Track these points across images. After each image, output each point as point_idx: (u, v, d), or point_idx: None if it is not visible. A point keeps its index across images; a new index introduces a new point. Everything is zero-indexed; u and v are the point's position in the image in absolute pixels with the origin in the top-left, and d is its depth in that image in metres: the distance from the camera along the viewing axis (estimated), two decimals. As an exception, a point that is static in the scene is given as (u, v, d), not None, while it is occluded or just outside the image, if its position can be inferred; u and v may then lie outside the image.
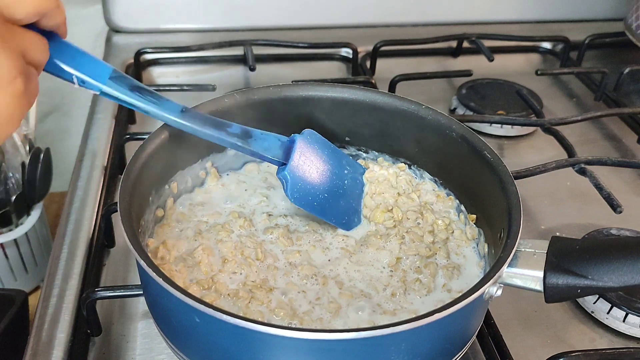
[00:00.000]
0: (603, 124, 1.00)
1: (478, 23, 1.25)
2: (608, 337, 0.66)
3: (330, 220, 0.62)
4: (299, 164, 0.60)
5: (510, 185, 0.57)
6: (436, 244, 0.62)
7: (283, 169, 0.60)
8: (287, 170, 0.59)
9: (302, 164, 0.60)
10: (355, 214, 0.63)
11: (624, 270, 0.48)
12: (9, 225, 0.84)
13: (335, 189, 0.63)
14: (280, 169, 0.60)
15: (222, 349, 0.48)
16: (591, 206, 0.81)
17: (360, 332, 0.44)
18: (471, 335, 0.55)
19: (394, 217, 0.65)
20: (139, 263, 0.49)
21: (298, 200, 0.60)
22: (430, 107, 0.67)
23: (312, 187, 0.60)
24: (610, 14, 1.29)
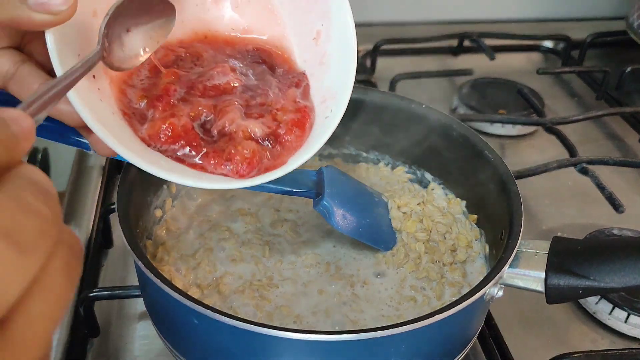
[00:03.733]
0: (605, 124, 1.00)
1: (479, 22, 1.24)
2: (610, 337, 0.65)
3: (378, 244, 0.61)
4: (335, 193, 0.59)
5: (511, 185, 0.57)
6: (454, 265, 0.61)
7: (320, 200, 0.58)
8: (325, 200, 0.58)
9: (337, 193, 0.59)
10: (392, 234, 0.63)
11: (626, 270, 0.48)
12: (7, 225, 0.84)
13: (372, 213, 0.62)
14: (316, 201, 0.59)
15: (220, 351, 0.48)
16: (593, 206, 0.81)
17: (360, 333, 0.44)
18: (472, 336, 0.54)
19: (425, 227, 0.63)
20: (137, 264, 0.49)
21: (344, 228, 0.59)
22: (430, 106, 0.67)
23: (352, 213, 0.60)
24: (612, 12, 1.29)
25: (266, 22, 0.53)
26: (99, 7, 0.44)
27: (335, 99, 0.51)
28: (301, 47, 0.53)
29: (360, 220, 0.60)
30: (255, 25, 0.53)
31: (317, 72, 0.52)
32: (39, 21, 0.37)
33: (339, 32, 0.51)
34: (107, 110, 0.44)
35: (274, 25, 0.53)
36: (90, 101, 0.42)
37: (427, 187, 0.69)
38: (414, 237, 0.62)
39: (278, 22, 0.53)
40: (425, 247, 0.61)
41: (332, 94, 0.51)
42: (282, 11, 0.52)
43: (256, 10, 0.53)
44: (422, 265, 0.60)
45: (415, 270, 0.60)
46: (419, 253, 0.61)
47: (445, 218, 0.64)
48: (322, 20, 0.51)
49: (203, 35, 0.53)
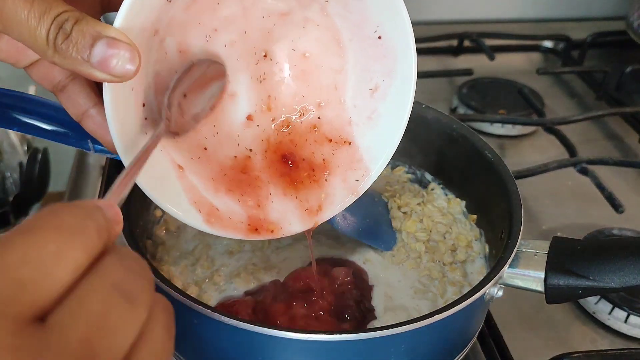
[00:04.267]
0: (605, 124, 1.00)
1: (479, 22, 1.24)
2: (610, 338, 0.65)
3: (378, 244, 0.62)
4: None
5: (511, 185, 0.57)
6: (454, 264, 0.61)
7: None
8: None
9: None
10: (392, 234, 0.63)
11: (626, 270, 0.48)
12: (7, 225, 0.83)
13: (372, 213, 0.62)
14: None
15: (220, 351, 0.48)
16: (593, 206, 0.81)
17: (360, 333, 0.44)
18: (472, 336, 0.54)
19: (425, 227, 0.64)
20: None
21: (344, 228, 0.59)
22: (430, 106, 0.66)
23: (352, 213, 0.60)
24: (612, 12, 1.29)
25: (330, 52, 0.52)
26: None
27: (368, 165, 0.51)
28: (356, 91, 0.52)
29: (361, 220, 0.60)
30: (318, 54, 0.52)
31: (362, 125, 0.52)
32: (101, 78, 0.37)
33: (396, 99, 0.50)
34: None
35: (336, 57, 0.51)
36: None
37: (427, 187, 0.69)
38: (414, 237, 0.62)
39: (341, 54, 0.51)
40: (426, 247, 0.61)
41: (369, 158, 0.51)
42: (349, 47, 0.50)
43: (324, 37, 0.51)
44: (423, 264, 0.60)
45: (416, 268, 0.60)
46: (419, 253, 0.61)
47: (445, 218, 0.64)
48: (385, 77, 0.50)
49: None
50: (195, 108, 0.47)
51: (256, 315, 0.53)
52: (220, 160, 0.50)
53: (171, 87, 0.44)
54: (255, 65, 0.51)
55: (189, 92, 0.45)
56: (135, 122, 0.43)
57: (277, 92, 0.52)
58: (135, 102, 0.42)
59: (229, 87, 0.50)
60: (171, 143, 0.47)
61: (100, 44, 0.36)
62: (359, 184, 0.52)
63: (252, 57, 0.50)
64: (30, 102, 0.47)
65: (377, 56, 0.49)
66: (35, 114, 0.47)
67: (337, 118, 0.52)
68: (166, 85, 0.45)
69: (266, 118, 0.52)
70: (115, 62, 0.36)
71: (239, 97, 0.51)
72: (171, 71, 0.45)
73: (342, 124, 0.52)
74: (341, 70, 0.52)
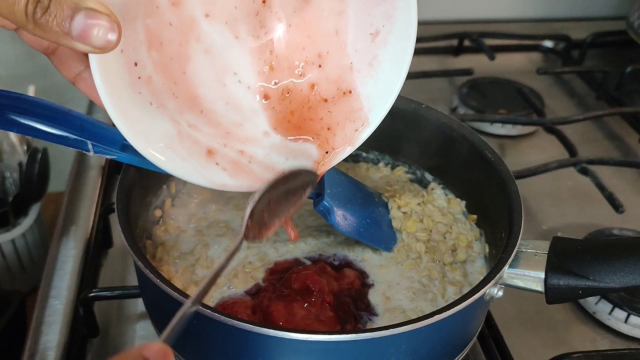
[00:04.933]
0: (605, 124, 1.00)
1: (479, 21, 1.24)
2: (610, 338, 0.65)
3: (378, 245, 0.61)
4: (334, 193, 0.59)
5: (511, 185, 0.57)
6: (454, 264, 0.61)
7: (320, 200, 0.58)
8: (325, 200, 0.58)
9: (337, 193, 0.59)
10: (392, 234, 0.63)
11: (626, 271, 0.48)
12: (6, 225, 0.83)
13: (372, 213, 0.62)
14: (316, 201, 0.59)
15: (220, 351, 0.48)
16: (593, 206, 0.81)
17: (360, 333, 0.43)
18: (472, 336, 0.54)
19: (426, 227, 0.63)
20: (137, 264, 0.49)
21: (344, 228, 0.59)
22: (430, 106, 0.66)
23: (352, 213, 0.59)
24: (613, 12, 1.29)
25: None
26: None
27: (368, 114, 0.51)
28: (357, 34, 0.51)
29: (361, 220, 0.60)
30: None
31: (363, 71, 0.51)
32: (83, 50, 0.37)
33: (396, 46, 0.49)
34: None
35: (336, 0, 0.51)
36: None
37: (427, 187, 0.69)
38: (414, 237, 0.62)
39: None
40: (426, 247, 0.61)
41: (369, 107, 0.51)
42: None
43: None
44: (423, 264, 0.60)
45: (416, 269, 0.60)
46: (420, 253, 0.61)
47: (445, 218, 0.64)
48: (385, 22, 0.49)
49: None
50: (278, 215, 0.48)
51: (256, 315, 0.53)
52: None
53: (257, 198, 0.44)
54: (255, 17, 0.50)
55: (275, 199, 0.46)
56: (129, 84, 0.42)
57: (278, 47, 0.51)
58: (126, 63, 0.42)
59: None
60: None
61: (80, 16, 0.36)
62: (357, 135, 0.51)
63: (250, 5, 0.49)
64: (29, 104, 0.47)
65: (377, 0, 0.49)
66: (34, 115, 0.47)
67: (338, 67, 0.52)
68: (160, 41, 0.44)
69: (271, 78, 0.52)
70: (96, 33, 0.36)
71: (242, 62, 0.50)
72: (164, 24, 0.44)
73: (343, 72, 0.51)
74: (342, 13, 0.51)
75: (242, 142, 0.49)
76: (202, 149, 0.47)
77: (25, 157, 0.84)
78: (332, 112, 0.52)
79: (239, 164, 0.49)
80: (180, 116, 0.46)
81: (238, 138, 0.49)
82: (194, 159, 0.46)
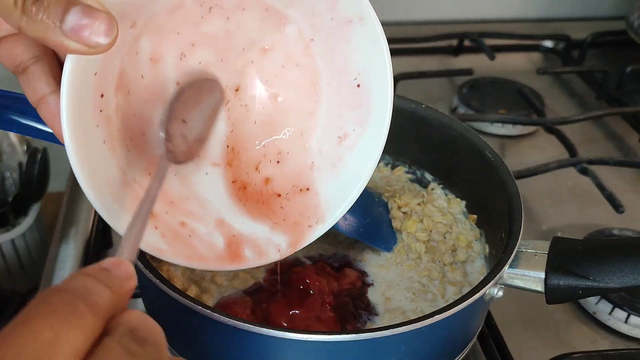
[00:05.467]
0: (605, 124, 1.00)
1: (479, 21, 1.24)
2: (610, 338, 0.65)
3: (378, 245, 0.61)
4: None
5: (511, 185, 0.57)
6: (454, 265, 0.61)
7: None
8: None
9: None
10: (392, 234, 0.63)
11: (626, 271, 0.48)
12: (6, 225, 0.83)
13: (372, 213, 0.62)
14: None
15: (219, 351, 0.48)
16: (593, 206, 0.81)
17: (360, 333, 0.43)
18: (472, 336, 0.54)
19: (426, 227, 0.63)
20: (137, 264, 0.48)
21: (344, 228, 0.59)
22: (430, 106, 0.66)
23: (352, 213, 0.59)
24: (613, 12, 1.28)
25: (304, 94, 0.50)
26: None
27: (324, 214, 0.50)
28: (323, 135, 0.50)
29: (361, 220, 0.60)
30: (291, 97, 0.50)
31: (325, 172, 0.50)
32: (72, 49, 0.34)
33: (364, 150, 0.48)
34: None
35: (309, 100, 0.50)
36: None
37: (427, 187, 0.69)
38: (414, 237, 0.62)
39: (315, 98, 0.50)
40: (426, 247, 0.61)
41: (327, 206, 0.50)
42: (325, 91, 0.49)
43: (301, 79, 0.50)
44: (423, 264, 0.60)
45: (416, 269, 0.60)
46: (419, 253, 0.61)
47: (445, 218, 0.64)
48: (356, 127, 0.48)
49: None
50: (197, 130, 0.45)
51: (256, 315, 0.53)
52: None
53: (167, 117, 0.43)
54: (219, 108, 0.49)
55: (187, 116, 0.44)
56: (91, 111, 0.41)
57: (239, 135, 0.50)
58: (95, 89, 0.40)
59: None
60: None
61: (75, 11, 0.33)
62: (310, 232, 0.50)
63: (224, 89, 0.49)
64: (29, 104, 0.47)
65: (352, 104, 0.48)
66: (33, 115, 0.47)
67: (297, 165, 0.51)
68: (127, 89, 0.43)
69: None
70: (90, 32, 0.33)
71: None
72: (137, 76, 0.44)
73: (303, 170, 0.51)
74: (313, 114, 0.50)
75: (186, 215, 0.48)
76: None
77: (25, 157, 0.84)
78: (285, 208, 0.51)
79: (179, 235, 0.47)
80: (127, 169, 0.44)
81: (182, 210, 0.48)
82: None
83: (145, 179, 0.45)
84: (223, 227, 0.49)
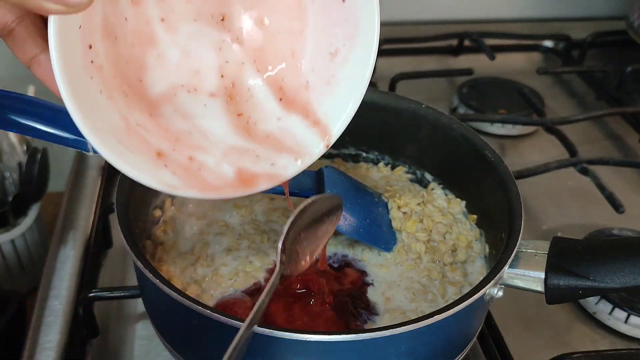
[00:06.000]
0: (605, 124, 1.00)
1: (479, 21, 1.24)
2: (610, 338, 0.65)
3: (378, 245, 0.61)
4: (334, 193, 0.59)
5: (511, 185, 0.57)
6: (454, 265, 0.61)
7: None
8: None
9: (337, 193, 0.59)
10: (392, 234, 0.63)
11: (626, 271, 0.48)
12: (6, 225, 0.83)
13: (372, 213, 0.62)
14: None
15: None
16: (593, 206, 0.81)
17: (360, 334, 0.43)
18: (472, 336, 0.54)
19: (426, 227, 0.63)
20: (136, 264, 0.48)
21: (344, 228, 0.59)
22: (430, 106, 0.66)
23: (352, 213, 0.59)
24: (613, 12, 1.28)
25: (290, 15, 0.50)
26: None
27: (325, 129, 0.50)
28: (314, 54, 0.50)
29: (361, 220, 0.60)
30: (277, 18, 0.50)
31: (319, 90, 0.50)
32: (53, 10, 0.35)
33: (356, 64, 0.48)
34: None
35: (296, 20, 0.50)
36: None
37: (427, 187, 0.69)
38: (414, 237, 0.62)
39: (302, 17, 0.50)
40: (426, 247, 0.61)
41: (326, 123, 0.50)
42: (310, 9, 0.49)
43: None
44: (423, 265, 0.60)
45: (416, 269, 0.60)
46: (419, 253, 0.61)
47: (445, 218, 0.64)
48: (346, 41, 0.48)
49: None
50: (311, 247, 0.48)
51: None
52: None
53: (285, 231, 0.44)
54: (213, 28, 0.49)
55: (305, 231, 0.46)
56: (82, 65, 0.41)
57: (231, 64, 0.50)
58: (82, 41, 0.40)
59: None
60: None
61: None
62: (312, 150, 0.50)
63: (209, 19, 0.48)
64: (28, 104, 0.47)
65: (339, 20, 0.48)
66: (33, 115, 0.47)
67: (292, 86, 0.51)
68: (114, 35, 0.43)
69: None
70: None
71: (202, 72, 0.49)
72: (121, 20, 0.43)
73: (298, 89, 0.51)
74: (301, 34, 0.50)
75: (192, 149, 0.48)
76: (151, 149, 0.45)
77: (25, 157, 0.84)
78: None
79: (189, 170, 0.47)
80: (128, 114, 0.45)
81: (188, 145, 0.48)
82: (143, 157, 0.45)
83: (148, 121, 0.46)
84: (230, 155, 0.49)
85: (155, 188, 0.44)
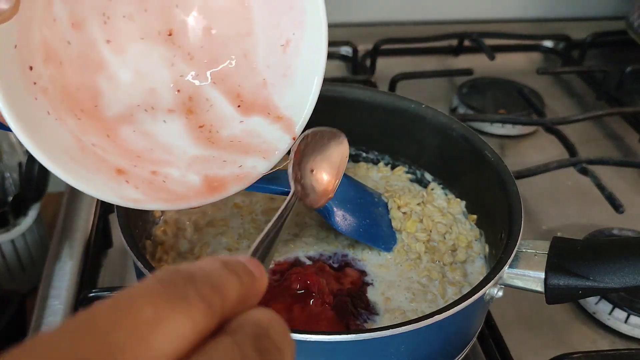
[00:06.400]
0: (605, 123, 1.00)
1: (479, 21, 1.24)
2: (610, 338, 0.65)
3: (378, 245, 0.61)
4: (335, 193, 0.59)
5: (511, 185, 0.57)
6: (454, 265, 0.61)
7: None
8: None
9: (337, 193, 0.59)
10: (392, 234, 0.63)
11: (626, 271, 0.48)
12: (6, 225, 0.83)
13: (372, 213, 0.62)
14: None
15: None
16: (593, 206, 0.81)
17: (360, 333, 0.43)
18: (472, 336, 0.54)
19: (425, 227, 0.63)
20: (136, 264, 0.48)
21: (344, 228, 0.59)
22: (430, 106, 0.66)
23: (352, 213, 0.59)
24: (612, 12, 1.28)
25: (236, 16, 0.49)
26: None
27: (289, 122, 0.49)
28: (267, 51, 0.50)
29: (360, 220, 0.60)
30: (223, 24, 0.49)
31: (278, 84, 0.50)
32: None
33: (309, 49, 0.48)
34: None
35: (242, 21, 0.49)
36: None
37: (427, 187, 0.69)
38: (414, 237, 0.62)
39: (248, 16, 0.49)
40: (426, 247, 0.61)
41: (289, 116, 0.49)
42: (253, 6, 0.48)
43: (227, 1, 0.49)
44: (423, 265, 0.60)
45: (416, 269, 0.60)
46: (419, 253, 0.61)
47: (445, 218, 0.64)
48: (295, 30, 0.48)
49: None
50: (323, 181, 0.49)
51: None
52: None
53: (292, 161, 0.45)
54: (161, 45, 0.48)
55: (315, 166, 0.47)
56: (23, 86, 0.40)
57: (185, 78, 0.50)
58: (20, 62, 0.39)
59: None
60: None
61: None
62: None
63: (156, 36, 0.48)
64: None
65: (284, 8, 0.47)
66: None
67: (251, 88, 0.50)
68: (58, 59, 0.42)
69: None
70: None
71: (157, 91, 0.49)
72: (63, 44, 0.43)
73: (257, 89, 0.50)
74: (250, 34, 0.49)
75: (155, 164, 0.46)
76: (109, 167, 0.44)
77: (25, 157, 0.84)
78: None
79: (153, 183, 0.46)
80: (82, 135, 0.43)
81: (150, 160, 0.47)
82: (101, 174, 0.43)
83: (105, 142, 0.44)
84: (195, 165, 0.48)
85: (117, 204, 0.43)
